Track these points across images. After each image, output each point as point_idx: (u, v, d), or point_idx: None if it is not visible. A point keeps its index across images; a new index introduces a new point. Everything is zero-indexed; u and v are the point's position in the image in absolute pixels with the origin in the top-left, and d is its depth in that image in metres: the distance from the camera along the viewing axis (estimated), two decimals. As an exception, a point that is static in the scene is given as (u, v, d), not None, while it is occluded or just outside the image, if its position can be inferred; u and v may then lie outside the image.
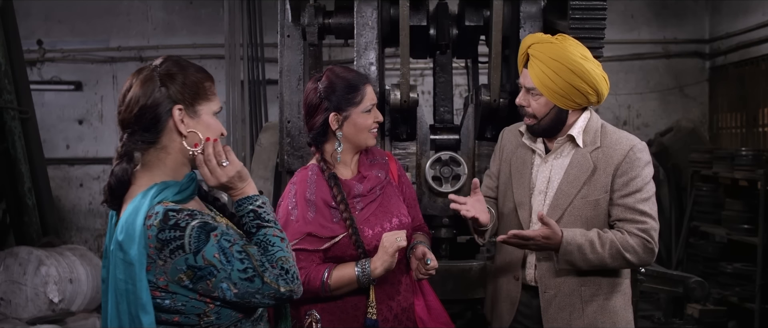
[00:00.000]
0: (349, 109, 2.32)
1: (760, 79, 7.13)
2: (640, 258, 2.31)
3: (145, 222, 1.60)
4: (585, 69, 2.31)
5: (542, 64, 2.32)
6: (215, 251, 1.61)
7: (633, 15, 8.03)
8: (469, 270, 2.99)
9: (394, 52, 3.59)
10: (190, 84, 1.71)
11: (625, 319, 2.43)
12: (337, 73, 2.35)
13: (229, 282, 1.62)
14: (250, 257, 1.64)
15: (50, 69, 8.45)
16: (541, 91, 2.33)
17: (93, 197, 8.48)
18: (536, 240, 2.28)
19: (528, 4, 3.12)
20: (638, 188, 2.33)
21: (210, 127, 1.74)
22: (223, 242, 1.62)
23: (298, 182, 2.36)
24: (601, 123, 2.45)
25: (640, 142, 2.40)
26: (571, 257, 2.30)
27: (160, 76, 1.69)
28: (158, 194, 1.65)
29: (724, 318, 5.62)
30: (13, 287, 5.19)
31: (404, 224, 2.39)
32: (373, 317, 2.30)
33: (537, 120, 2.39)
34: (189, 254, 1.59)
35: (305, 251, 2.26)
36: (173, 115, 1.68)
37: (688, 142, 7.03)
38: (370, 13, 3.04)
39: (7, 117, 5.75)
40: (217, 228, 1.64)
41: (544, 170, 2.44)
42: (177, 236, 1.59)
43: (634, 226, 2.31)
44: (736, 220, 5.92)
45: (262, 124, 6.45)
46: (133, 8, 8.38)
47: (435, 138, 3.19)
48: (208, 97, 1.75)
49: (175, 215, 1.61)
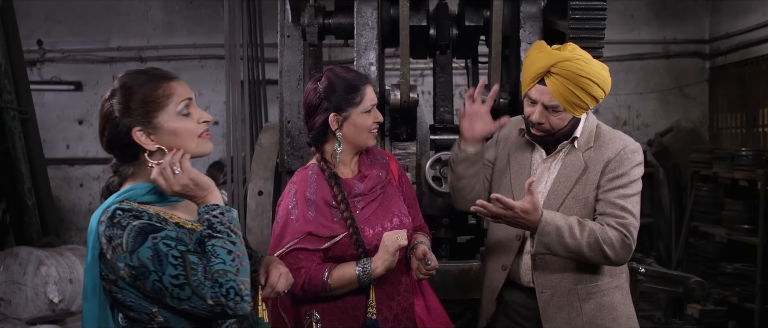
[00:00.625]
0: (348, 109, 2.31)
1: (760, 79, 7.13)
2: (616, 253, 2.27)
3: (100, 218, 1.68)
4: (604, 77, 2.30)
5: (567, 81, 2.26)
6: (149, 253, 1.63)
7: (633, 15, 8.03)
8: (468, 270, 2.99)
9: (394, 52, 3.59)
10: (140, 103, 1.72)
11: (625, 314, 2.41)
12: (336, 73, 2.34)
13: (161, 285, 1.63)
14: (185, 264, 1.63)
15: (50, 69, 8.45)
16: (564, 106, 2.30)
17: (93, 197, 8.48)
18: (515, 211, 2.21)
19: (528, 5, 3.12)
20: (623, 185, 2.31)
21: (177, 131, 1.75)
22: (161, 245, 1.64)
23: (298, 181, 2.36)
24: (597, 124, 2.45)
25: (634, 144, 2.38)
26: (548, 239, 2.25)
27: (115, 108, 1.73)
28: (124, 194, 1.72)
29: (724, 318, 5.62)
30: (13, 287, 5.19)
31: (405, 223, 2.39)
32: (373, 317, 2.29)
33: (553, 133, 2.37)
34: (126, 253, 1.63)
35: (305, 251, 2.26)
36: (135, 139, 1.73)
37: (688, 143, 7.02)
38: (370, 13, 3.04)
39: (7, 117, 5.75)
40: (160, 231, 1.66)
41: (544, 172, 2.44)
42: (117, 233, 1.64)
43: (614, 220, 2.28)
44: (736, 220, 5.91)
45: (262, 124, 6.44)
46: (133, 8, 8.38)
47: (435, 138, 3.19)
48: (162, 104, 1.74)
49: (121, 214, 1.66)
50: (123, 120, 1.72)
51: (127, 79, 1.76)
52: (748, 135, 7.37)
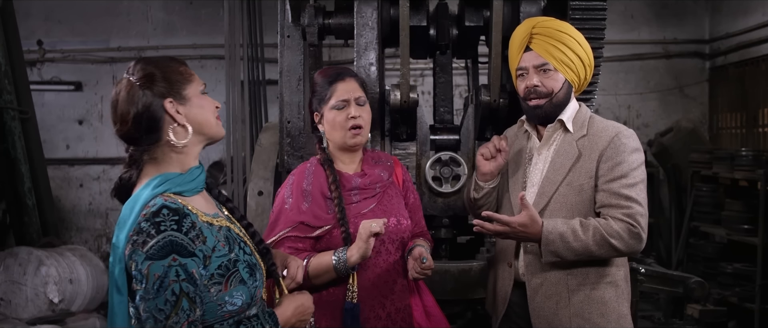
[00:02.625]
0: (321, 107, 2.38)
1: (760, 79, 7.13)
2: (626, 244, 2.25)
3: (142, 210, 1.64)
4: (582, 38, 2.39)
5: (550, 38, 2.34)
6: (158, 271, 1.59)
7: (633, 15, 8.03)
8: (468, 270, 2.99)
9: (394, 52, 3.59)
10: (167, 75, 1.74)
11: (616, 311, 2.35)
12: (321, 72, 2.44)
13: (144, 304, 1.60)
14: (176, 307, 1.59)
15: (50, 69, 8.45)
16: (555, 65, 2.35)
17: (93, 197, 8.48)
18: (513, 226, 2.23)
19: (528, 5, 3.12)
20: (624, 173, 2.29)
21: (203, 106, 1.77)
22: (172, 272, 1.60)
23: (296, 173, 2.40)
24: (590, 114, 2.45)
25: (628, 130, 2.38)
26: (554, 247, 2.24)
27: (139, 81, 1.72)
28: (160, 185, 1.68)
29: (724, 318, 5.62)
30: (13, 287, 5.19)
31: (403, 225, 2.39)
32: (353, 301, 2.28)
33: (550, 97, 2.37)
34: (142, 255, 1.60)
35: (294, 238, 2.28)
36: (167, 110, 1.71)
37: (688, 143, 7.02)
38: (370, 14, 3.04)
39: (7, 117, 5.74)
40: (185, 257, 1.61)
41: (538, 164, 2.44)
42: (150, 233, 1.61)
43: (618, 211, 2.26)
44: (736, 220, 5.91)
45: (262, 124, 6.44)
46: (133, 8, 8.38)
47: (435, 138, 3.19)
48: (188, 78, 1.77)
49: (166, 215, 1.62)
50: (153, 90, 1.70)
51: (146, 61, 1.77)
52: (748, 135, 7.37)
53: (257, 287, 1.78)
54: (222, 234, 1.74)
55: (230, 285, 1.71)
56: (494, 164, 2.45)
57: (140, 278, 1.60)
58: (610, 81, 7.77)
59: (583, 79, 2.42)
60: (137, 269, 1.61)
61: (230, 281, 1.71)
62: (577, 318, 2.32)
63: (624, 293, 2.41)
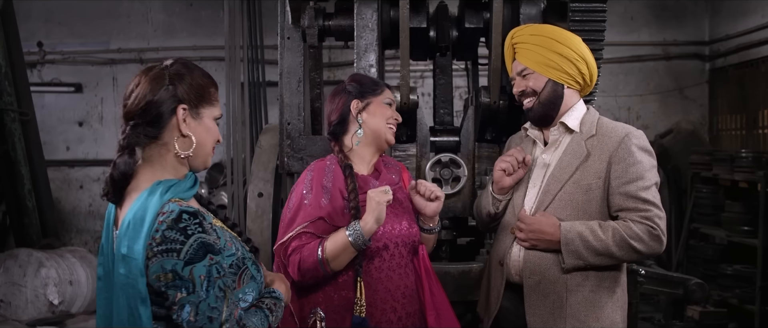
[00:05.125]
0: (370, 97, 2.43)
1: (760, 80, 7.13)
2: (647, 246, 2.25)
3: (157, 217, 1.62)
4: (565, 34, 2.42)
5: (527, 44, 2.42)
6: (203, 272, 1.61)
7: (633, 17, 8.04)
8: (469, 272, 2.99)
9: (394, 54, 3.59)
10: (197, 86, 1.76)
11: (610, 319, 2.33)
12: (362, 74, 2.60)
13: (194, 307, 1.60)
14: (225, 299, 1.64)
15: (50, 71, 8.46)
16: (533, 68, 2.40)
17: (93, 198, 8.48)
18: (530, 225, 2.29)
19: (528, 6, 3.12)
20: (639, 175, 2.28)
21: (209, 130, 1.79)
22: (213, 270, 1.63)
23: (315, 170, 2.39)
24: (599, 117, 2.46)
25: (637, 131, 2.37)
26: (574, 246, 2.25)
27: (170, 75, 1.73)
28: (167, 192, 1.67)
29: (724, 320, 5.62)
30: (13, 288, 5.19)
31: (414, 230, 2.40)
32: (361, 315, 2.27)
33: (537, 95, 2.40)
34: (180, 261, 1.59)
35: (309, 234, 2.27)
36: (177, 114, 1.72)
37: (688, 144, 7.02)
38: (370, 15, 3.04)
39: (7, 119, 5.75)
40: (217, 254, 1.65)
41: (543, 168, 2.44)
42: (180, 239, 1.60)
43: (636, 214, 2.26)
44: (736, 222, 5.91)
45: (262, 126, 6.45)
46: (133, 10, 8.39)
47: (435, 140, 3.20)
48: (212, 101, 1.79)
49: (188, 220, 1.62)
50: (177, 90, 1.71)
51: (187, 64, 1.78)
52: (747, 137, 7.37)
53: (262, 283, 1.83)
54: (227, 234, 1.77)
55: (243, 282, 1.75)
56: (515, 177, 2.45)
57: (182, 284, 1.59)
58: (610, 83, 7.77)
59: (577, 73, 2.39)
60: (177, 276, 1.59)
61: (242, 278, 1.75)
62: (573, 319, 2.31)
63: (619, 301, 2.39)
